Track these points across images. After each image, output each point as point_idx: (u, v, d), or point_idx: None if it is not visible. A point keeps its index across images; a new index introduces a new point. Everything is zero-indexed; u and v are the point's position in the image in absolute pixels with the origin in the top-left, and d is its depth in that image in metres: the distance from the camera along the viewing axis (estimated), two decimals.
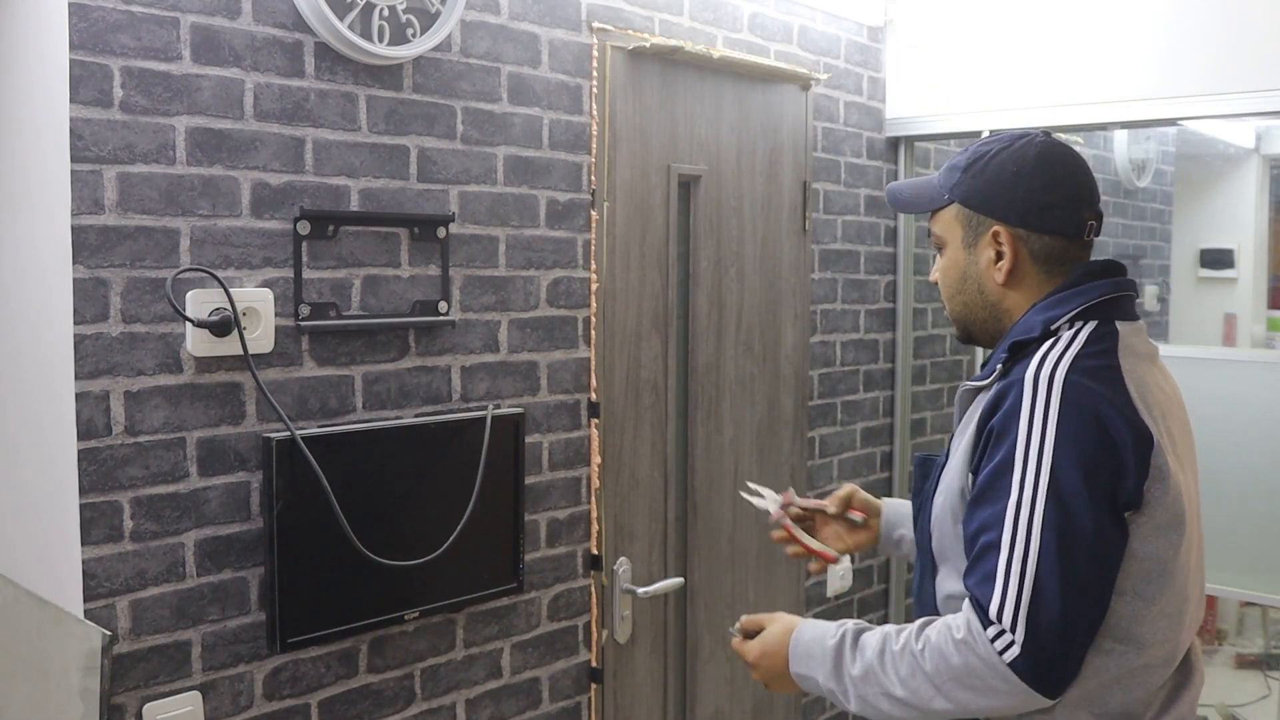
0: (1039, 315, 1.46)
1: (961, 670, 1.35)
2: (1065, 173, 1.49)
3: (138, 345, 1.65)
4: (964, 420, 1.51)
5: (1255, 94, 2.55)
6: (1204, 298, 4.57)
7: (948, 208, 1.54)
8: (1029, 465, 1.34)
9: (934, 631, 1.39)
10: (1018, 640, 1.32)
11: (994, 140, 1.53)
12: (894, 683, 1.39)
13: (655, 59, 2.43)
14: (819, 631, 1.50)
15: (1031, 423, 1.35)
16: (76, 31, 1.57)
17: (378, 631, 1.96)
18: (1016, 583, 1.32)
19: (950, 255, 1.55)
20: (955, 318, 1.59)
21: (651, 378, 2.47)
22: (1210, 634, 4.68)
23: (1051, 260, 1.49)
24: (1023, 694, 1.33)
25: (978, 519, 1.38)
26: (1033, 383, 1.37)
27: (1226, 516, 2.65)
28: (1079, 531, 1.33)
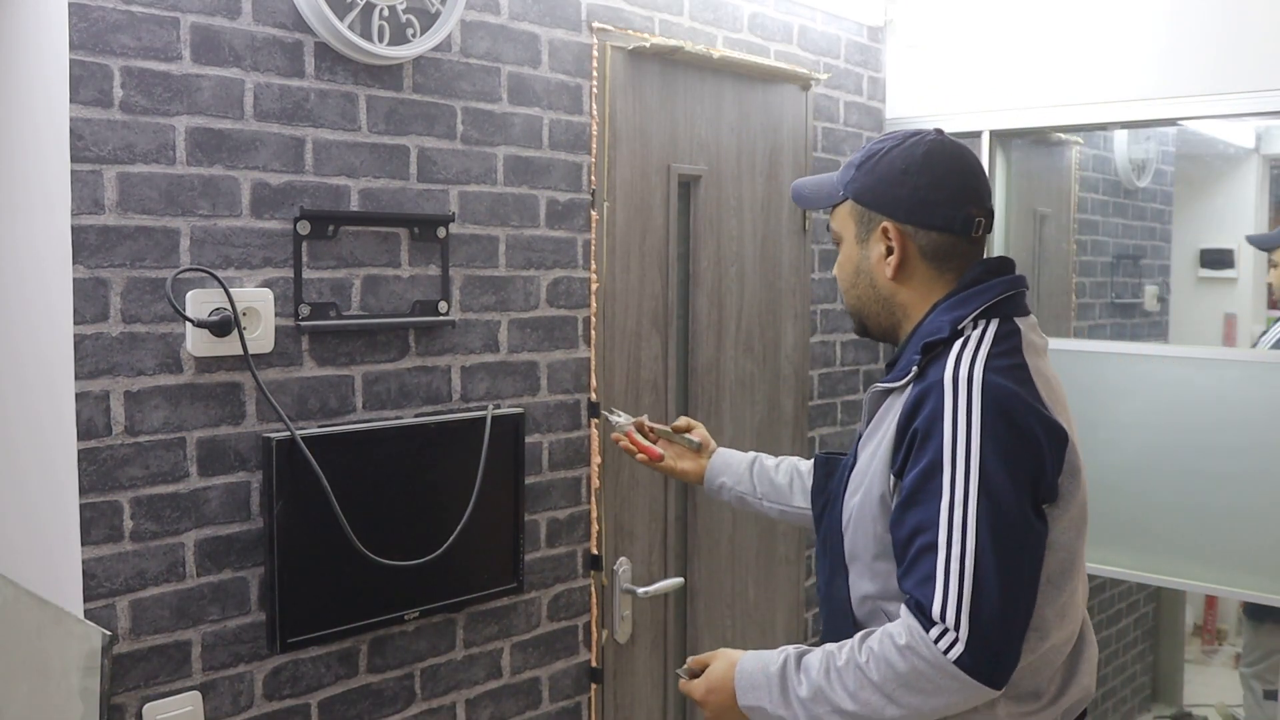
0: (945, 315, 1.49)
1: (909, 675, 1.36)
2: (951, 171, 1.52)
3: (138, 345, 1.65)
4: (874, 421, 1.54)
5: (1255, 94, 2.55)
6: (1204, 298, 4.57)
7: (844, 204, 1.59)
8: (957, 465, 1.37)
9: (875, 641, 1.40)
10: (961, 637, 1.34)
11: (888, 138, 1.56)
12: (843, 698, 1.40)
13: (655, 59, 2.43)
14: (761, 661, 1.50)
15: (955, 424, 1.38)
16: (76, 31, 1.57)
17: (378, 631, 1.96)
18: (956, 581, 1.35)
19: (846, 250, 1.60)
20: (851, 311, 1.64)
21: (651, 378, 2.47)
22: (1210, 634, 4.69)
23: (940, 256, 1.53)
24: (971, 689, 1.35)
25: (910, 522, 1.40)
26: (953, 384, 1.40)
27: (1226, 517, 2.65)
28: (1011, 526, 1.36)
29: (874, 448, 1.50)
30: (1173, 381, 2.74)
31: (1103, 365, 2.78)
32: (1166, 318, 4.45)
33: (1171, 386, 2.73)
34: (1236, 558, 2.65)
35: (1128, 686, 4.10)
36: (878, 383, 1.55)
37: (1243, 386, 2.64)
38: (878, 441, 1.49)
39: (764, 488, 1.98)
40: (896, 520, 1.42)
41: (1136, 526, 2.74)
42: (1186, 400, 2.71)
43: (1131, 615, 4.12)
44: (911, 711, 1.38)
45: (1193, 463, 2.70)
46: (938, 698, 1.37)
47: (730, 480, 2.00)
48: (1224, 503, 2.65)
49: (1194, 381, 2.71)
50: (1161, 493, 2.73)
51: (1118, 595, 3.99)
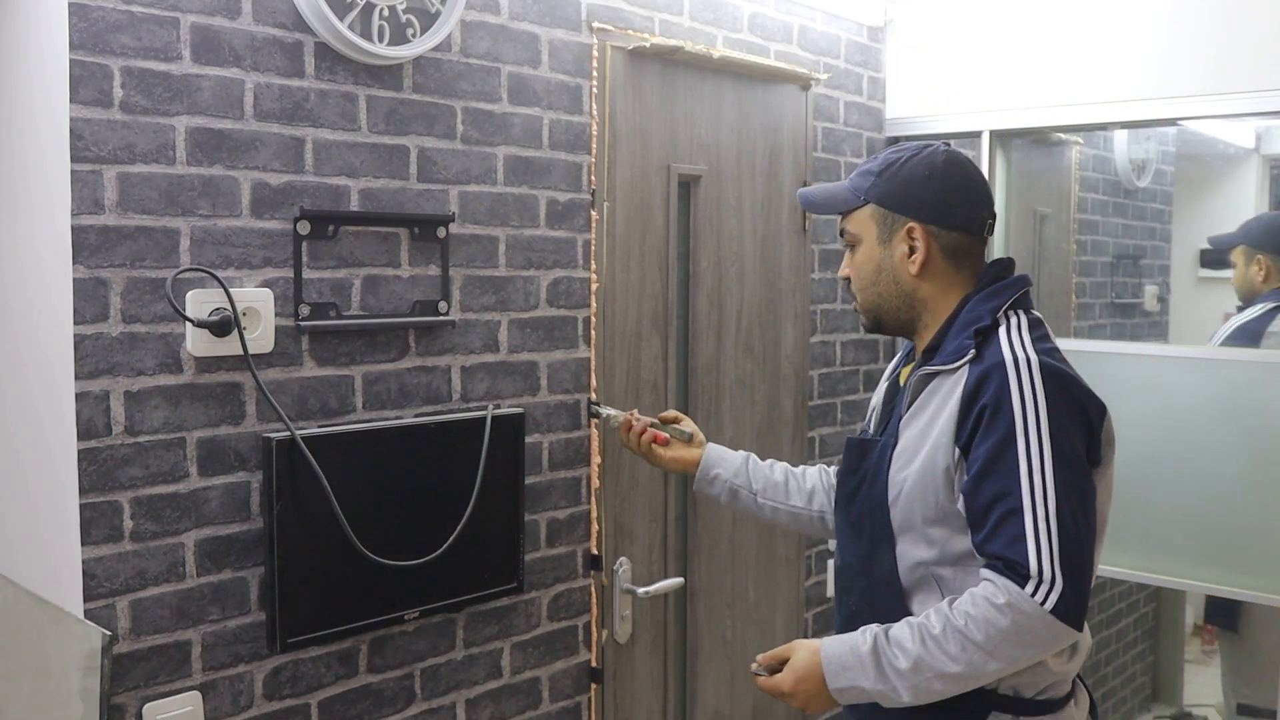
0: (983, 305, 1.65)
1: (1012, 630, 1.49)
2: (968, 177, 1.70)
3: (138, 345, 1.65)
4: (919, 402, 1.65)
5: (1255, 94, 2.55)
6: (1204, 298, 4.56)
7: (862, 208, 1.72)
8: (1030, 435, 1.51)
9: (968, 606, 1.52)
10: (1056, 587, 1.47)
11: (903, 149, 1.72)
12: (946, 662, 1.52)
13: (655, 59, 2.43)
14: (848, 643, 1.60)
15: (1023, 398, 1.53)
16: (76, 31, 1.57)
17: (378, 631, 1.96)
18: (1046, 537, 1.48)
19: (865, 250, 1.73)
20: (867, 308, 1.77)
21: (651, 378, 2.47)
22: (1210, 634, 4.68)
23: (958, 254, 1.69)
24: (1063, 634, 1.50)
25: (988, 491, 1.53)
26: (1014, 363, 1.55)
27: (1226, 517, 2.65)
28: (1081, 485, 1.53)
29: (922, 426, 1.62)
30: (1173, 381, 2.74)
31: (1102, 365, 2.78)
32: (1166, 318, 4.45)
33: (1171, 386, 2.73)
34: (1236, 558, 2.65)
35: (1128, 686, 4.10)
36: (926, 366, 1.66)
37: (1242, 387, 2.64)
38: (927, 420, 1.62)
39: (759, 483, 2.03)
40: (972, 490, 1.55)
41: (1136, 526, 2.74)
42: (1186, 400, 2.71)
43: (1131, 615, 4.11)
44: (1008, 663, 1.52)
45: (1192, 463, 2.70)
46: (1035, 647, 1.51)
47: (725, 472, 2.04)
48: (1224, 503, 2.65)
49: (1194, 381, 2.71)
50: (1161, 493, 2.73)
51: (1118, 595, 3.99)
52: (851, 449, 1.77)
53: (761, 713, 2.82)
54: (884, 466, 1.66)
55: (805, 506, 2.01)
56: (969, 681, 1.53)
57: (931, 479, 1.60)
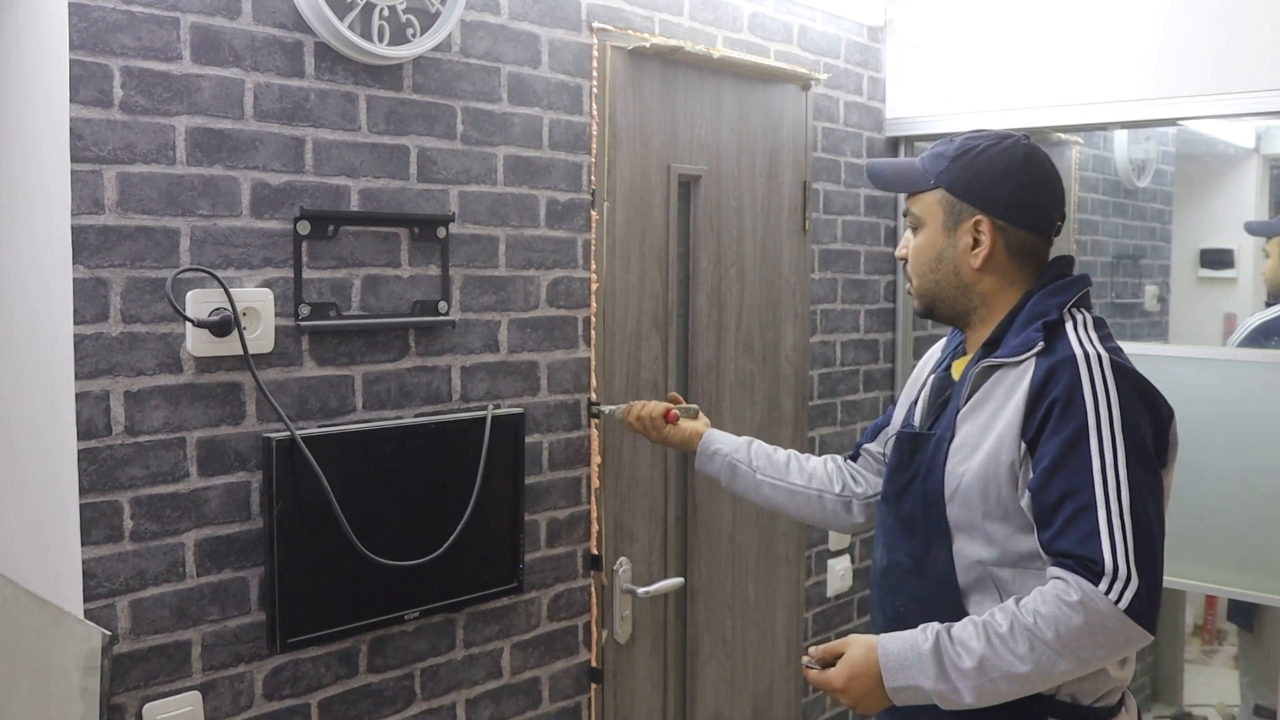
0: (1050, 300, 1.60)
1: (1084, 628, 1.44)
2: (1046, 176, 1.66)
3: (138, 345, 1.65)
4: (979, 395, 1.60)
5: (1255, 94, 2.55)
6: (1204, 298, 4.56)
7: (931, 191, 1.67)
8: (1103, 431, 1.47)
9: (1038, 604, 1.47)
10: (1132, 585, 1.43)
11: (981, 136, 1.67)
12: (1014, 661, 1.46)
13: (655, 59, 2.43)
14: (908, 641, 1.54)
15: (1095, 395, 1.49)
16: (76, 31, 1.57)
17: (378, 631, 1.96)
18: (1121, 535, 1.44)
19: (927, 236, 1.68)
20: (922, 293, 1.71)
21: (651, 378, 2.47)
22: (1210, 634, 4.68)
23: (1023, 253, 1.65)
24: (1137, 636, 1.46)
25: (1058, 487, 1.48)
26: (1085, 359, 1.51)
27: (1226, 516, 2.65)
28: (1154, 483, 1.50)
29: (985, 420, 1.57)
30: (1173, 381, 2.73)
31: None
32: (1166, 318, 4.45)
33: (1171, 386, 2.72)
34: (1236, 558, 2.65)
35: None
36: (989, 359, 1.61)
37: (1243, 387, 2.64)
38: (990, 414, 1.57)
39: (760, 461, 2.02)
40: (1041, 486, 1.50)
41: None
42: (1186, 400, 2.70)
43: None
44: (1079, 663, 1.47)
45: (1192, 462, 2.69)
46: (1107, 647, 1.46)
47: (726, 447, 2.04)
48: (1224, 502, 2.65)
49: (1194, 381, 2.71)
50: None
51: None
52: (903, 442, 1.71)
53: (761, 713, 2.82)
54: (940, 461, 1.60)
55: (804, 485, 1.98)
56: (1036, 683, 1.48)
57: (995, 474, 1.54)
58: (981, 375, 1.60)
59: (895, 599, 1.70)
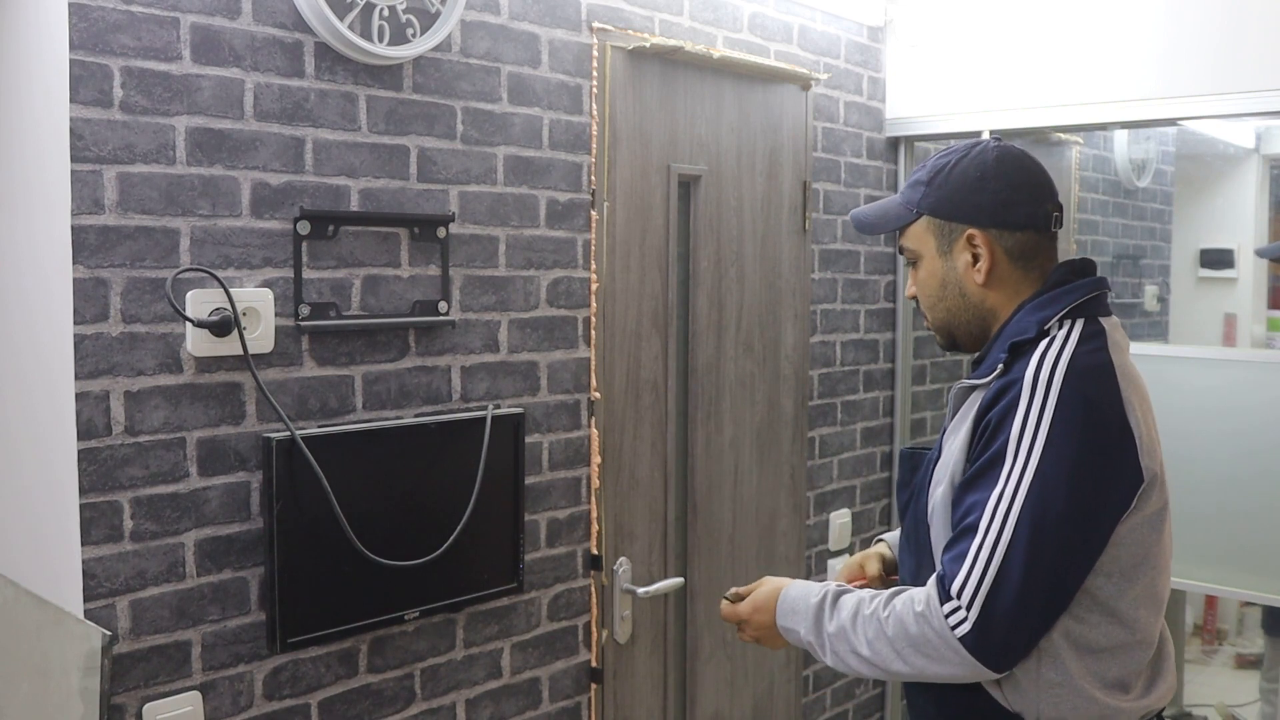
0: (1032, 316, 1.53)
1: (918, 639, 1.45)
2: (1025, 170, 1.58)
3: (138, 345, 1.65)
4: (959, 416, 1.57)
5: (1255, 94, 2.55)
6: (1204, 298, 4.56)
7: (917, 222, 1.61)
8: (1018, 458, 1.43)
9: (899, 601, 1.49)
10: (970, 619, 1.42)
11: (950, 151, 1.60)
12: (861, 643, 1.50)
13: (655, 59, 2.43)
14: (805, 589, 1.60)
15: (1026, 419, 1.43)
16: (76, 31, 1.57)
17: (378, 631, 1.96)
18: (983, 566, 1.42)
19: (927, 265, 1.62)
20: (938, 325, 1.65)
21: (651, 378, 2.47)
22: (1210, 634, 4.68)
23: (1026, 255, 1.57)
24: (970, 665, 1.43)
25: (965, 503, 1.48)
26: (1032, 382, 1.44)
27: (1226, 517, 2.65)
28: (1052, 526, 1.41)
29: (955, 441, 1.55)
30: (1173, 381, 2.74)
31: None
32: (1166, 318, 4.45)
33: (1171, 386, 2.73)
34: (1236, 558, 2.65)
35: None
36: (964, 379, 1.59)
37: (1243, 386, 2.64)
38: (959, 435, 1.54)
39: None
40: (956, 500, 1.50)
41: None
42: (1186, 400, 2.71)
43: None
44: (915, 670, 1.47)
45: (1192, 463, 2.70)
46: (940, 665, 1.45)
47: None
48: (1224, 503, 2.65)
49: (1194, 381, 2.71)
50: None
51: None
52: (904, 461, 1.72)
53: (761, 713, 2.82)
54: (927, 481, 1.59)
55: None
56: (879, 672, 1.51)
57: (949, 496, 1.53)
58: (959, 396, 1.58)
59: None
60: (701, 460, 2.61)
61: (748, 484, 2.74)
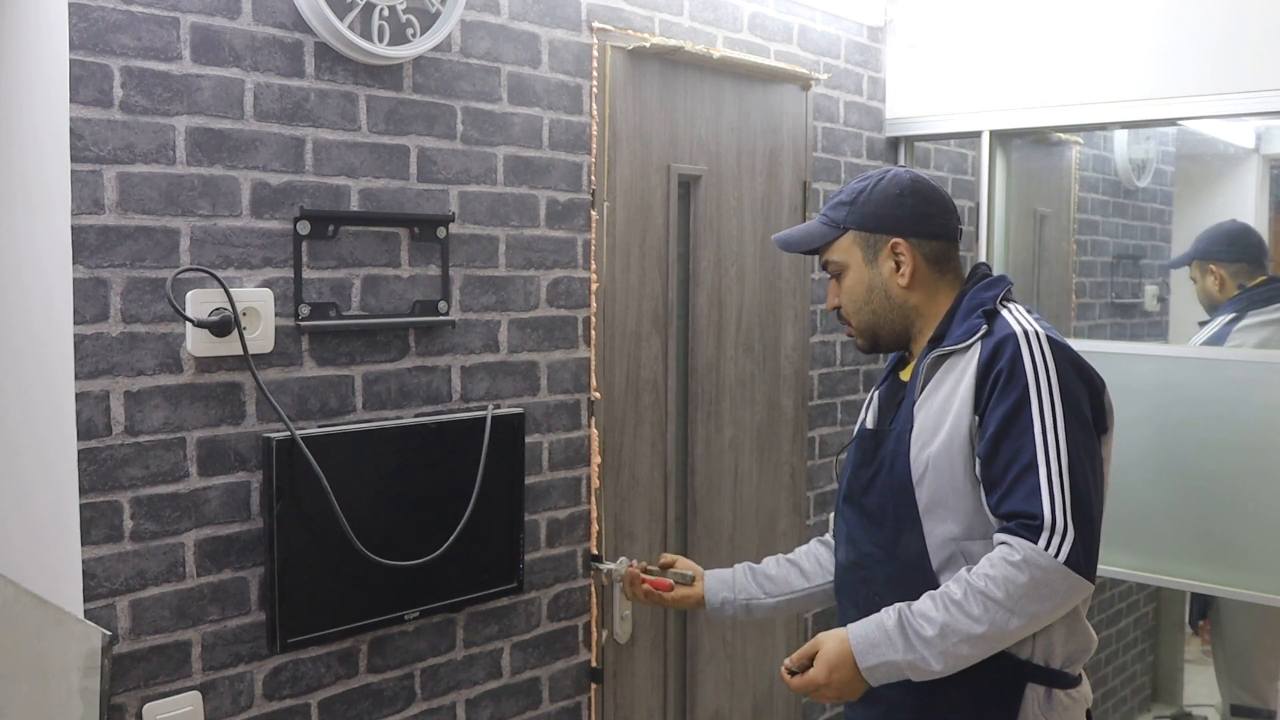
0: (984, 293, 1.74)
1: (1029, 585, 1.54)
2: (936, 190, 1.82)
3: (138, 345, 1.65)
4: (933, 384, 1.71)
5: (1255, 94, 2.55)
6: None
7: (843, 237, 1.81)
8: (1044, 397, 1.60)
9: (988, 567, 1.57)
10: (1069, 538, 1.54)
11: (867, 177, 1.82)
12: (969, 624, 1.56)
13: (655, 59, 2.43)
14: (872, 623, 1.64)
15: (1035, 366, 1.61)
16: (76, 31, 1.57)
17: (378, 631, 1.96)
18: (1060, 491, 1.56)
19: (853, 275, 1.81)
20: (863, 329, 1.83)
21: (651, 378, 2.47)
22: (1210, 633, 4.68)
23: (940, 261, 1.80)
24: (1079, 586, 1.56)
25: (1005, 452, 1.60)
26: (1024, 335, 1.64)
27: (1226, 516, 2.65)
28: (1091, 444, 1.62)
29: (940, 403, 1.69)
30: (1173, 381, 2.73)
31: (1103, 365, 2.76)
32: (1166, 318, 4.45)
33: (1171, 386, 2.73)
34: (1236, 558, 2.65)
35: (1128, 687, 4.10)
36: (938, 349, 1.72)
37: (1242, 387, 2.64)
38: (944, 396, 1.68)
39: (766, 586, 2.01)
40: (989, 453, 1.61)
41: (1136, 526, 2.73)
42: (1186, 400, 2.71)
43: (1131, 615, 4.11)
44: (1030, 619, 1.56)
45: (1192, 463, 2.70)
46: (1052, 600, 1.55)
47: (730, 593, 2.00)
48: (1224, 502, 2.65)
49: (1194, 381, 2.71)
50: (1161, 493, 2.73)
51: (1118, 595, 3.98)
52: (864, 440, 1.82)
53: (761, 712, 2.82)
54: (902, 450, 1.71)
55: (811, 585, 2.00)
56: (994, 642, 1.57)
57: (958, 450, 1.65)
58: (933, 366, 1.72)
59: (867, 589, 1.76)
60: (701, 460, 2.61)
61: (748, 484, 2.74)
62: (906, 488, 1.70)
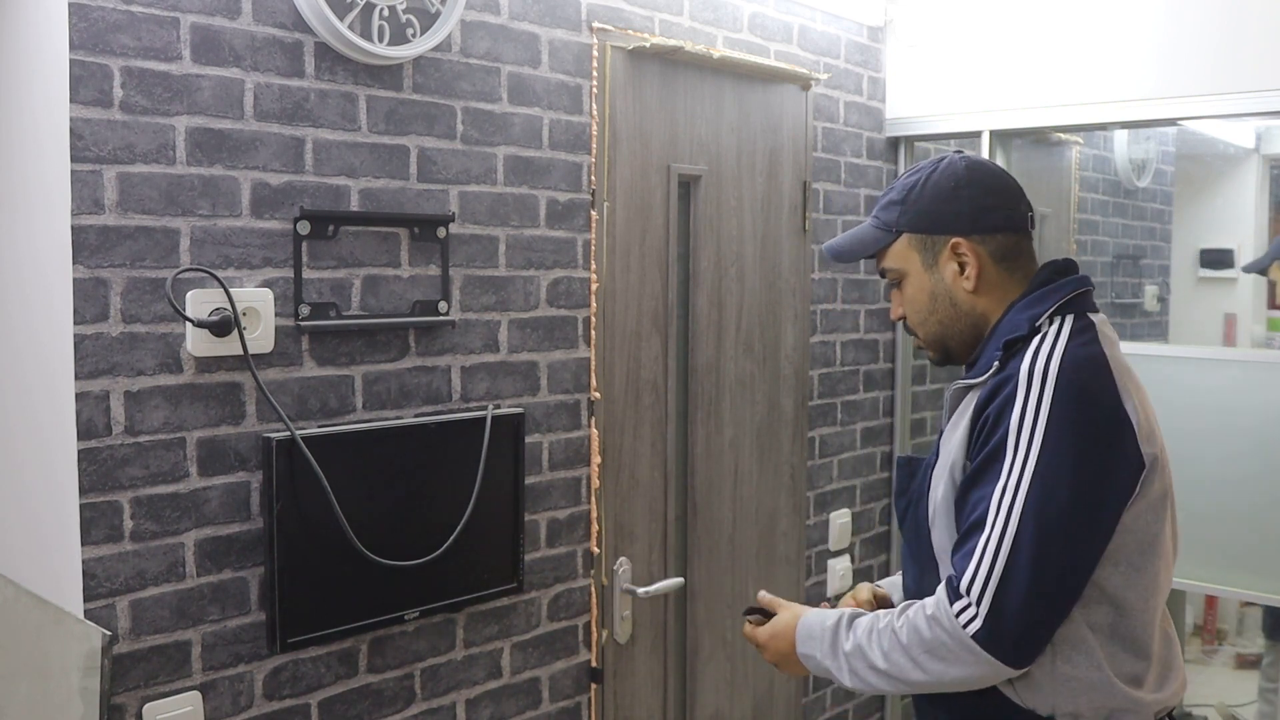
0: (1022, 314, 1.55)
1: (931, 642, 1.45)
2: (995, 176, 1.62)
3: (138, 345, 1.65)
4: (955, 415, 1.58)
5: (1255, 94, 2.55)
6: (1204, 298, 4.56)
7: (897, 241, 1.62)
8: (1019, 451, 1.43)
9: (911, 610, 1.49)
10: (980, 614, 1.41)
11: (918, 169, 1.63)
12: (878, 656, 1.50)
13: (655, 59, 2.43)
14: (822, 616, 1.60)
15: (1024, 412, 1.44)
16: (76, 31, 1.57)
17: (378, 631, 1.96)
18: (990, 560, 1.42)
19: (914, 282, 1.63)
20: (932, 340, 1.65)
21: (651, 378, 2.47)
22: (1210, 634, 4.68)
23: (1009, 257, 1.60)
24: (987, 664, 1.43)
25: (970, 500, 1.48)
26: (1028, 375, 1.45)
27: (1226, 517, 2.65)
28: (1056, 517, 1.41)
29: (953, 443, 1.55)
30: (1173, 381, 2.74)
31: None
32: (1166, 318, 4.45)
33: (1171, 386, 2.73)
34: (1236, 558, 2.65)
35: None
36: (959, 380, 1.59)
37: (1243, 386, 2.64)
38: (958, 437, 1.54)
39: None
40: (960, 498, 1.50)
41: None
42: (1186, 400, 2.71)
43: None
44: (934, 678, 1.46)
45: (1192, 463, 2.70)
46: (957, 668, 1.44)
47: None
48: (1224, 503, 2.65)
49: (1194, 381, 2.71)
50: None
51: None
52: (901, 469, 1.71)
53: (761, 713, 2.82)
54: (926, 486, 1.59)
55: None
56: (898, 684, 1.49)
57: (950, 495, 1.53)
58: (955, 397, 1.59)
59: None
60: (701, 460, 2.61)
61: (748, 484, 2.74)
62: (925, 526, 1.58)
